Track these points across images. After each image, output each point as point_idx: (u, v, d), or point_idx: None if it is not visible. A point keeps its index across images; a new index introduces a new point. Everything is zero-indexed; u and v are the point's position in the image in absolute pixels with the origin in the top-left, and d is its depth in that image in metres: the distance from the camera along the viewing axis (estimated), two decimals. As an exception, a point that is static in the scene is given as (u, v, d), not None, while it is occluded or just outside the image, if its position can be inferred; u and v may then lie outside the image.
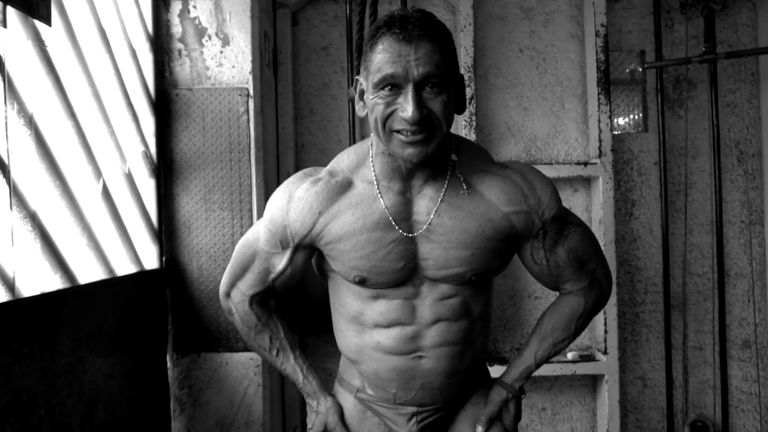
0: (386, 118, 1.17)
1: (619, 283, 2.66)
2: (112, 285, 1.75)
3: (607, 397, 2.53)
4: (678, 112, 2.72)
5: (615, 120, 2.71)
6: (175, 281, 2.16)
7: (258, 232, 1.37)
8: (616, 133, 2.70)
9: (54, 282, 1.47)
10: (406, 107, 1.14)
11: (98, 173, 1.70)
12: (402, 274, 1.28)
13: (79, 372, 1.54)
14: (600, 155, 2.54)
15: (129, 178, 1.93)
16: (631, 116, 2.73)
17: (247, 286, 1.38)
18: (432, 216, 1.26)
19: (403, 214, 1.26)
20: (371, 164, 1.29)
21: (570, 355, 2.58)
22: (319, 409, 1.44)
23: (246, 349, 2.17)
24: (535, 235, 1.32)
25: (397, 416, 1.40)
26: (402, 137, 1.17)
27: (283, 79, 2.58)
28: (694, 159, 2.71)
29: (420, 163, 1.20)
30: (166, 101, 2.17)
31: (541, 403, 2.70)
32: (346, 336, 1.39)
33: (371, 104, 1.19)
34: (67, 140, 1.55)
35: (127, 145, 1.93)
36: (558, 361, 2.58)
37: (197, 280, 2.17)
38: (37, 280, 1.41)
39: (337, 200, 1.28)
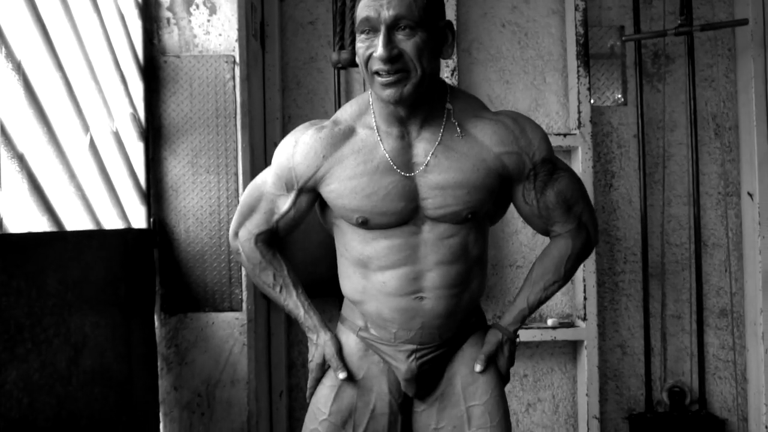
0: (367, 60, 1.27)
1: (599, 253, 2.73)
2: (99, 237, 1.81)
3: (587, 363, 2.60)
4: (656, 86, 2.79)
5: (595, 93, 2.77)
6: (162, 242, 2.22)
7: (266, 176, 1.47)
8: (596, 105, 2.76)
9: (41, 224, 1.53)
10: (377, 46, 1.23)
11: (86, 127, 1.76)
12: (403, 214, 1.36)
13: (66, 315, 1.59)
14: (579, 126, 2.61)
15: (117, 137, 1.99)
16: (611, 90, 2.80)
17: (253, 225, 1.48)
18: (429, 157, 1.35)
19: (403, 157, 1.35)
20: (372, 111, 1.38)
21: (550, 322, 2.64)
22: (318, 342, 1.51)
23: (232, 308, 2.24)
24: (527, 177, 1.39)
25: (398, 353, 1.47)
26: (380, 79, 1.27)
27: (270, 51, 2.64)
28: (672, 132, 2.78)
29: (399, 103, 1.29)
30: (154, 68, 2.23)
31: (523, 369, 2.75)
32: (351, 279, 1.47)
33: (357, 49, 1.30)
34: (55, 91, 1.61)
35: (116, 105, 1.99)
36: (538, 327, 2.64)
37: (184, 241, 2.23)
38: (24, 220, 1.47)
39: (340, 146, 1.38)
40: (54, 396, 1.52)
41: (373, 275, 1.42)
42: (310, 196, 1.43)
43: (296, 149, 1.40)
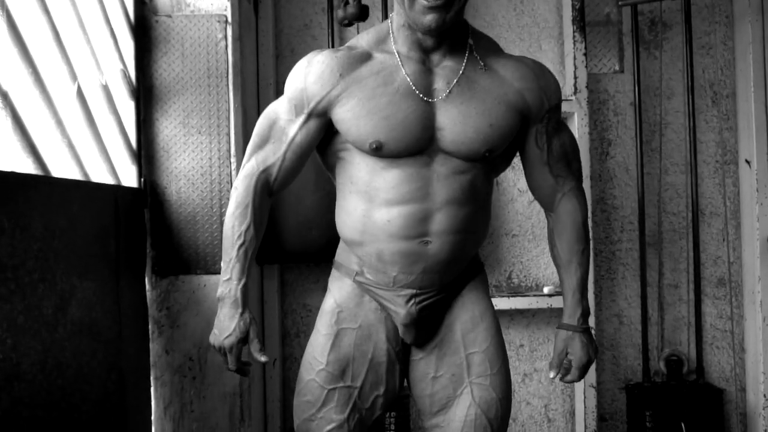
0: None
1: (596, 222, 2.70)
2: (88, 189, 1.78)
3: (583, 331, 2.57)
4: (653, 53, 2.76)
5: (591, 61, 2.75)
6: (153, 203, 2.20)
7: (276, 104, 1.43)
8: (592, 73, 2.74)
9: (26, 166, 1.50)
10: None
11: (73, 75, 1.74)
12: (419, 142, 1.31)
13: (52, 262, 1.57)
14: (575, 92, 2.59)
15: (107, 92, 1.97)
16: (607, 57, 2.77)
17: (261, 159, 1.42)
18: (452, 85, 1.32)
19: (424, 82, 1.32)
20: (392, 38, 1.35)
21: (546, 290, 2.61)
22: (239, 318, 1.39)
23: (223, 271, 2.21)
24: (542, 119, 1.39)
25: (396, 298, 1.43)
26: (424, 2, 1.23)
27: (263, 17, 2.62)
28: (669, 100, 2.76)
29: (438, 29, 1.27)
30: (145, 27, 2.20)
31: (519, 339, 2.73)
32: (352, 217, 1.40)
33: None
34: (41, 35, 1.58)
35: (105, 60, 1.96)
36: (534, 295, 2.62)
37: (176, 203, 2.21)
38: (8, 160, 1.45)
39: (358, 67, 1.34)
40: (39, 341, 1.49)
41: (377, 212, 1.36)
42: (320, 122, 1.37)
43: (309, 69, 1.35)
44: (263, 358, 1.40)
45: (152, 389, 2.21)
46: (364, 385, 1.45)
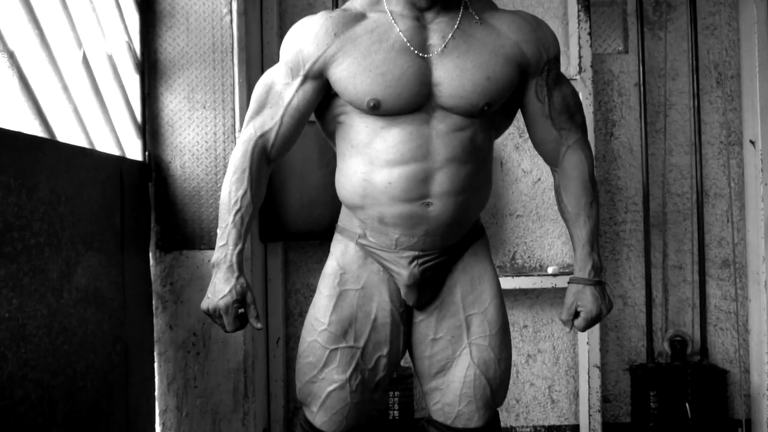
0: None
1: (600, 202, 2.69)
2: (93, 158, 1.77)
3: (587, 311, 2.56)
4: (658, 33, 2.76)
5: (595, 41, 2.75)
6: (158, 178, 2.19)
7: (273, 69, 1.42)
8: (597, 53, 2.74)
9: (33, 127, 1.50)
10: None
11: (79, 42, 1.73)
12: (416, 99, 1.31)
13: (58, 226, 1.56)
14: (580, 71, 2.58)
15: (112, 63, 1.96)
16: (612, 38, 2.77)
17: (258, 125, 1.41)
18: (448, 40, 1.32)
19: (418, 38, 1.32)
20: (384, 0, 1.35)
21: (551, 269, 2.61)
22: (235, 282, 1.37)
23: (228, 246, 2.20)
24: (541, 72, 1.38)
25: (399, 259, 1.43)
26: None
27: (268, -5, 2.62)
28: (674, 80, 2.75)
29: None
30: (150, 1, 2.20)
31: (523, 320, 2.73)
32: (353, 179, 1.39)
33: None
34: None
35: (110, 30, 1.96)
36: (539, 275, 2.61)
37: (180, 177, 2.20)
38: (15, 119, 1.44)
39: (352, 26, 1.34)
40: (45, 305, 1.48)
41: (378, 174, 1.34)
42: (317, 85, 1.36)
43: (304, 30, 1.35)
44: (258, 325, 1.39)
45: (156, 365, 2.20)
46: (366, 346, 1.44)
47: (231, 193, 1.40)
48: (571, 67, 2.65)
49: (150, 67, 2.19)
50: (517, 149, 2.70)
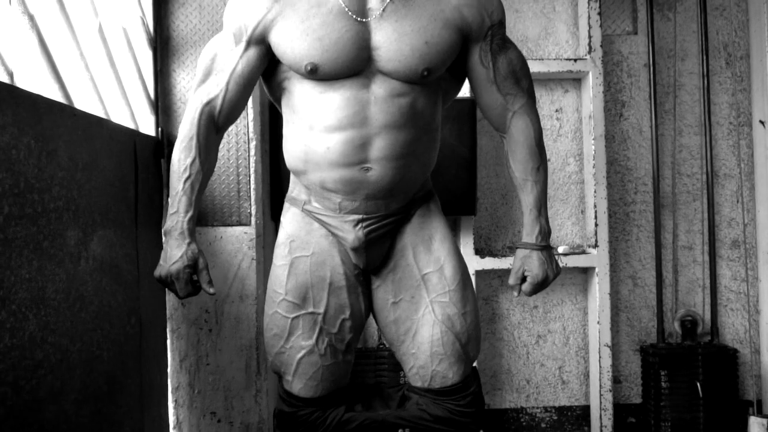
0: None
1: (610, 183, 2.70)
2: (109, 128, 1.78)
3: (598, 291, 2.56)
4: (667, 14, 2.76)
5: (605, 23, 2.75)
6: (170, 155, 2.19)
7: (217, 37, 1.43)
8: (606, 34, 2.74)
9: (52, 90, 1.50)
10: None
11: (95, 10, 1.73)
12: (354, 63, 1.31)
13: (75, 193, 1.57)
14: (590, 51, 2.58)
15: (126, 37, 1.97)
16: (621, 19, 2.77)
17: (204, 93, 1.42)
18: (386, 4, 1.32)
19: (357, 2, 1.32)
20: None
21: (560, 249, 2.61)
22: (186, 248, 1.38)
23: (240, 223, 2.21)
24: (484, 37, 1.38)
25: (343, 224, 1.44)
26: None
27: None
28: (683, 61, 2.76)
29: None
30: (162, -21, 2.20)
31: (533, 301, 2.72)
32: (295, 145, 1.41)
33: None
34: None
35: (125, 3, 1.96)
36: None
37: (192, 154, 2.20)
38: (35, 82, 1.44)
39: None
40: (63, 270, 1.49)
41: (317, 139, 1.36)
42: (259, 50, 1.37)
43: None
44: (211, 290, 1.39)
45: (168, 342, 2.20)
46: (327, 311, 1.46)
47: (180, 161, 1.42)
48: (580, 48, 2.65)
49: (162, 44, 2.19)
50: (526, 130, 2.70)
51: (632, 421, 2.73)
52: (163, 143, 2.17)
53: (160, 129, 2.17)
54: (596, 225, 2.56)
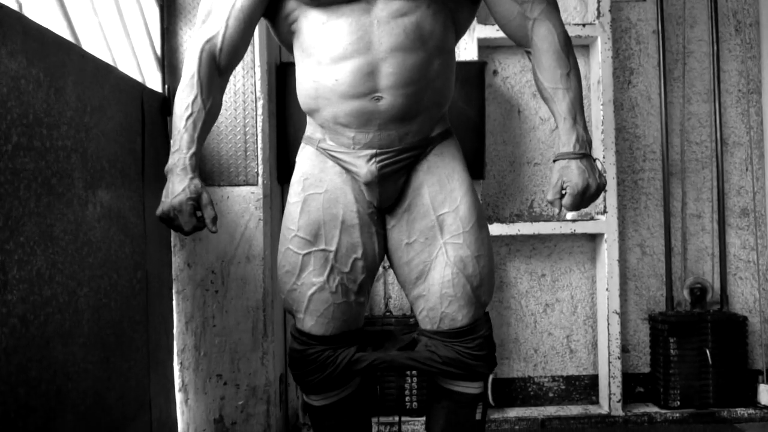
0: None
1: (618, 150, 2.68)
2: (117, 77, 1.76)
3: (606, 257, 2.54)
4: (676, -19, 2.75)
5: (613, -11, 2.73)
6: (177, 113, 2.17)
7: None
8: (615, 0, 2.72)
9: (60, 27, 1.48)
10: None
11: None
12: None
13: (83, 135, 1.54)
14: (598, 16, 2.56)
15: (133, -10, 1.95)
16: (630, -14, 2.75)
17: (205, 31, 1.40)
18: None
19: None
20: None
21: (570, 215, 2.59)
22: (189, 182, 1.35)
23: (247, 183, 2.19)
24: None
25: (357, 159, 1.41)
26: None
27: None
28: (692, 28, 2.73)
29: None
30: (169, -64, 2.18)
31: (541, 269, 2.70)
32: (306, 83, 1.41)
33: None
34: None
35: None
36: (558, 220, 2.59)
37: (199, 113, 2.18)
38: (44, 17, 1.42)
39: None
40: (71, 211, 1.47)
41: (326, 72, 1.35)
42: None
43: None
44: (214, 228, 1.37)
45: (174, 304, 2.18)
46: (339, 249, 1.44)
47: (182, 100, 1.40)
48: (588, 13, 2.63)
49: (169, 2, 2.17)
50: (534, 97, 2.68)
51: (640, 391, 2.71)
52: (170, 101, 2.15)
53: (166, 87, 2.15)
54: (605, 191, 2.54)
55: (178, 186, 1.35)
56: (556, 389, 2.69)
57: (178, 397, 2.19)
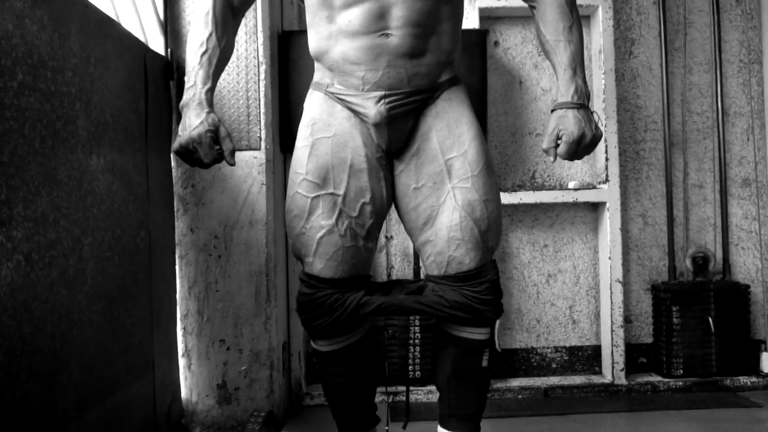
0: None
1: (619, 121, 2.68)
2: (121, 32, 1.76)
3: (609, 226, 2.55)
4: (676, -49, 2.76)
5: (614, -39, 2.73)
6: (180, 78, 2.17)
7: None
8: (616, -29, 2.73)
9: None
10: None
11: None
12: None
13: (88, 85, 1.55)
14: (600, -15, 2.57)
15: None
16: (630, -43, 2.76)
17: None
18: None
19: None
20: None
21: (572, 184, 2.59)
22: (206, 115, 1.36)
23: (250, 147, 2.19)
24: None
25: (366, 101, 1.42)
26: None
27: None
28: (693, -2, 2.75)
29: None
30: None
31: (543, 240, 2.71)
32: (318, 26, 1.43)
33: None
34: None
35: None
36: (560, 188, 2.59)
37: (202, 78, 2.18)
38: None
39: None
40: (76, 158, 1.47)
41: (338, 16, 1.38)
42: None
43: None
44: (232, 161, 1.37)
45: (177, 269, 2.18)
46: (347, 193, 1.44)
47: (196, 38, 1.42)
48: (590, -17, 2.64)
49: (171, -33, 2.18)
50: (536, 68, 2.69)
51: (643, 362, 2.71)
52: (173, 66, 2.16)
53: (169, 51, 2.16)
54: (607, 160, 2.55)
55: (195, 119, 1.35)
56: (559, 360, 2.69)
57: (182, 362, 2.19)
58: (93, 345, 1.53)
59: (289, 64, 2.44)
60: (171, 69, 2.15)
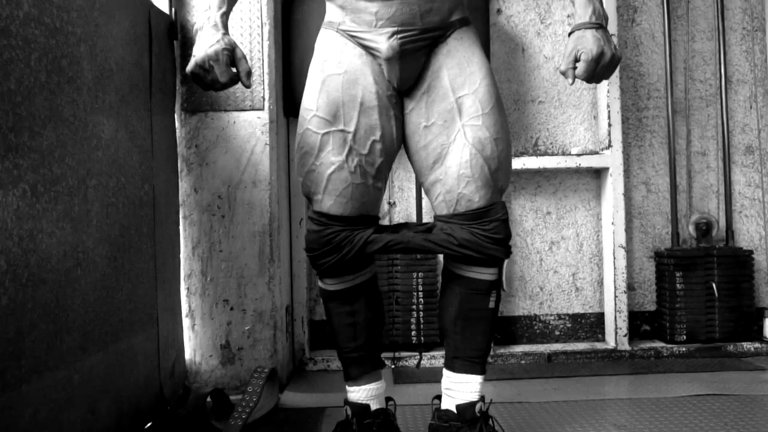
0: None
1: (622, 89, 2.68)
2: (123, -15, 1.76)
3: (612, 192, 2.55)
4: None
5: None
6: (184, 39, 2.17)
7: None
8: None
9: None
10: None
11: None
12: None
13: (92, 29, 1.55)
14: (602, -49, 2.57)
15: None
16: (633, -75, 2.76)
17: None
18: None
19: None
20: None
21: (575, 150, 2.59)
22: (222, 37, 1.36)
23: (253, 108, 2.19)
24: None
25: (378, 36, 1.42)
26: None
27: None
28: (696, -34, 2.75)
29: None
30: None
31: (546, 207, 2.70)
32: None
33: None
34: None
35: None
36: (563, 154, 2.59)
37: (205, 38, 2.18)
38: None
39: None
40: (80, 97, 1.47)
41: None
42: None
43: None
44: (248, 82, 1.37)
45: (181, 229, 2.18)
46: (358, 130, 1.44)
47: None
48: (593, -50, 2.64)
49: (174, -72, 2.19)
50: (538, 35, 2.69)
51: (646, 329, 2.71)
52: (177, 25, 2.16)
53: (173, 10, 2.16)
54: (609, 125, 2.55)
55: (211, 38, 1.35)
56: (562, 327, 2.69)
57: (185, 322, 2.19)
58: (98, 288, 1.53)
59: (293, 27, 2.45)
60: (175, 29, 2.15)
